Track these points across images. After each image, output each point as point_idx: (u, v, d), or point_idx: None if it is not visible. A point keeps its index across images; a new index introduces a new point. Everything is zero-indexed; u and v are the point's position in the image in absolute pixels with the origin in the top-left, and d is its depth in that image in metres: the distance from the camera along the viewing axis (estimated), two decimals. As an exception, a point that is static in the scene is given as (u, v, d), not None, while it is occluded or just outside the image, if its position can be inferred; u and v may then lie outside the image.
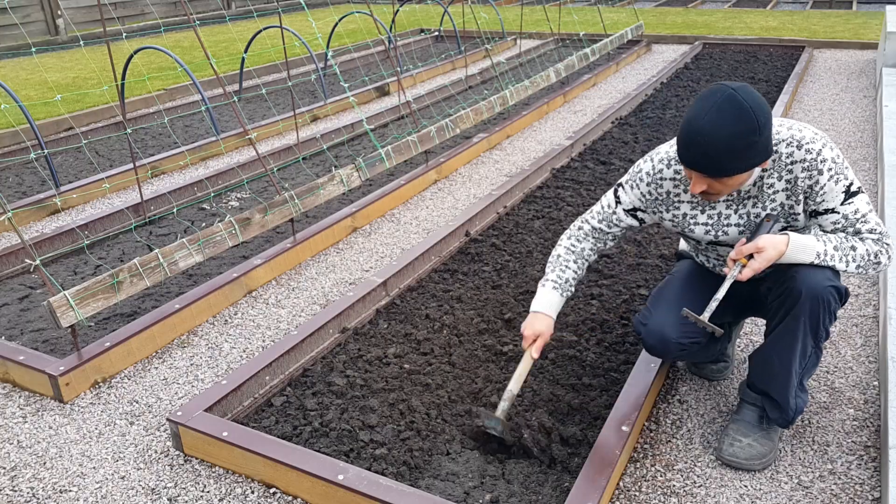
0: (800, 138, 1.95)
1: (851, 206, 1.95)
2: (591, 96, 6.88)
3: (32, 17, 10.14)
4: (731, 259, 1.98)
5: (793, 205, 2.00)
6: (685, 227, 2.16)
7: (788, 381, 2.08)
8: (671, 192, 2.14)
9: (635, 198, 2.20)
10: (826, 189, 1.94)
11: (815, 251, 1.95)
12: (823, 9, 12.60)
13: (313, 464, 2.07)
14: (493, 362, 2.69)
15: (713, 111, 1.81)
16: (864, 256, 1.96)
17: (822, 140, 1.95)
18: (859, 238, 1.98)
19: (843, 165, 1.95)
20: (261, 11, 13.35)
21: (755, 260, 1.93)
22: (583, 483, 1.96)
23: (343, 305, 2.92)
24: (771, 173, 1.99)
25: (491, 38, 9.56)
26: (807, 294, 1.95)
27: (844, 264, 1.97)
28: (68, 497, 2.16)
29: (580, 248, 2.30)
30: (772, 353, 2.08)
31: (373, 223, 4.10)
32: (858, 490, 2.07)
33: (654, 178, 2.14)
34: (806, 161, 1.93)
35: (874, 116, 5.70)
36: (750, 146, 1.81)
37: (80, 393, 2.64)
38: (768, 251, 1.92)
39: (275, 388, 2.58)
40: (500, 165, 4.98)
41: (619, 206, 2.23)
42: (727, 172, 1.85)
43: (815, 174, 1.93)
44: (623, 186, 2.22)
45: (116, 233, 4.01)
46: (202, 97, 5.25)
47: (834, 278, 1.99)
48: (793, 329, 2.01)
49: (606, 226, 2.27)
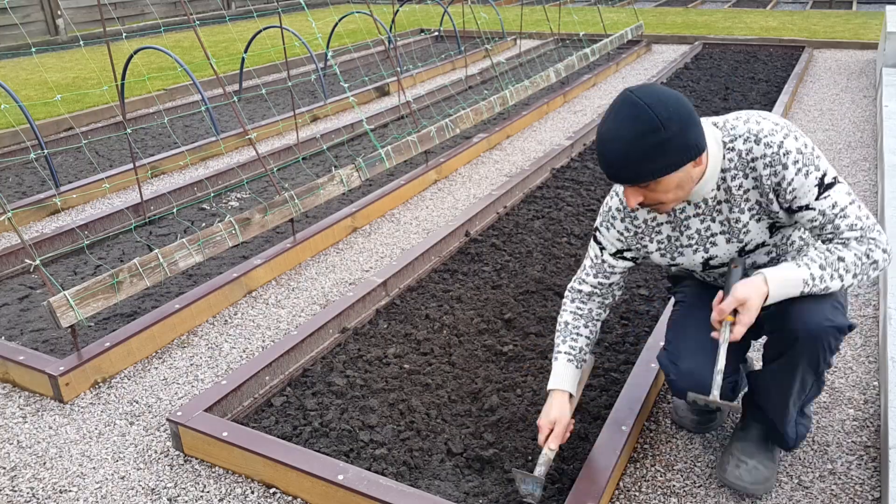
0: (757, 132, 1.78)
1: (828, 201, 1.74)
2: (591, 96, 6.88)
3: (32, 17, 10.14)
4: (716, 321, 1.78)
5: (768, 203, 1.82)
6: (674, 252, 1.99)
7: (786, 413, 1.96)
8: (647, 220, 1.98)
9: (614, 239, 2.02)
10: (795, 185, 1.75)
11: (801, 279, 1.75)
12: (823, 9, 12.60)
13: (313, 464, 2.07)
14: (493, 362, 2.69)
15: (611, 118, 1.69)
16: (856, 263, 1.75)
17: (783, 130, 1.77)
18: (841, 243, 1.76)
19: (812, 155, 1.75)
20: (261, 11, 13.35)
21: (742, 314, 1.73)
22: (582, 483, 1.96)
23: (343, 305, 2.93)
24: (736, 174, 1.82)
25: (491, 38, 9.56)
26: (804, 336, 1.79)
27: (839, 280, 1.76)
28: (68, 497, 2.16)
29: (587, 309, 2.10)
30: (769, 384, 1.95)
31: (373, 223, 4.10)
32: (858, 490, 2.07)
33: (625, 212, 1.99)
34: (767, 156, 1.76)
35: (874, 116, 5.70)
36: (659, 145, 1.65)
37: (80, 393, 2.64)
38: (752, 300, 1.72)
39: (275, 389, 2.58)
40: (500, 165, 4.98)
41: (605, 251, 2.05)
42: (645, 176, 1.69)
43: (779, 169, 1.75)
44: (599, 230, 2.05)
45: (116, 233, 4.01)
46: (202, 97, 5.25)
47: (834, 315, 1.79)
48: (790, 368, 1.87)
49: (604, 277, 2.07)
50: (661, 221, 1.96)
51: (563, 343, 2.08)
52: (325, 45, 8.14)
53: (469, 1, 9.78)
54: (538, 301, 3.11)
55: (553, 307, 3.05)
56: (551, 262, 3.45)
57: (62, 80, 7.86)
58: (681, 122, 1.67)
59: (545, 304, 3.08)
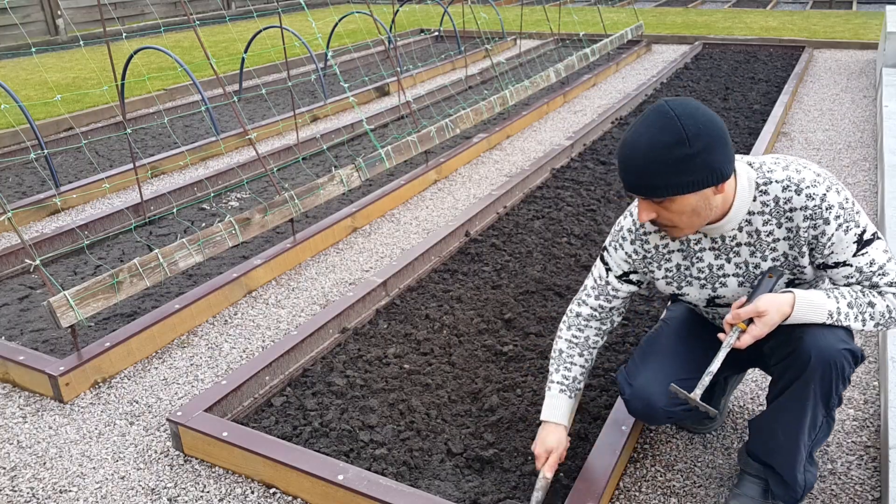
0: (798, 181, 1.70)
1: (866, 258, 1.69)
2: (591, 96, 6.88)
3: (32, 17, 10.14)
4: (728, 323, 1.73)
5: (796, 256, 1.75)
6: (681, 282, 1.90)
7: (796, 456, 1.83)
8: (659, 246, 1.89)
9: (621, 260, 1.95)
10: (835, 240, 1.68)
11: (827, 310, 1.69)
12: (823, 9, 12.60)
13: (313, 464, 2.07)
14: (493, 362, 2.69)
15: (641, 124, 1.65)
16: (883, 314, 1.70)
17: (825, 182, 1.69)
18: (878, 292, 1.71)
19: (852, 211, 1.68)
20: (261, 11, 13.35)
21: (755, 325, 1.68)
22: (582, 483, 1.96)
23: (343, 305, 2.93)
24: (768, 220, 1.74)
25: (491, 38, 9.56)
26: (817, 359, 1.70)
27: (861, 323, 1.71)
28: (68, 497, 2.16)
29: (583, 337, 2.03)
30: (776, 423, 1.83)
31: (373, 223, 4.10)
32: (858, 490, 2.07)
33: (637, 234, 1.91)
34: (808, 209, 1.68)
35: (874, 116, 5.70)
36: (681, 161, 1.60)
37: (80, 393, 2.64)
38: (770, 315, 1.67)
39: (275, 389, 2.58)
40: (500, 165, 4.98)
41: (610, 273, 1.97)
42: (661, 191, 1.63)
43: (819, 223, 1.68)
44: (608, 249, 1.98)
45: (116, 233, 4.01)
46: (202, 97, 5.25)
47: (848, 339, 1.73)
48: (801, 397, 1.76)
49: (606, 300, 1.99)
50: (673, 249, 1.88)
51: (556, 372, 2.02)
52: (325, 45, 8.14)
53: (469, 1, 9.78)
54: (538, 301, 3.11)
55: (553, 307, 3.05)
56: (551, 262, 3.45)
57: (62, 80, 7.86)
58: (708, 142, 1.61)
59: (545, 304, 3.08)
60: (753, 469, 1.95)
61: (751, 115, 5.76)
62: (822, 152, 4.91)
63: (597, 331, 2.03)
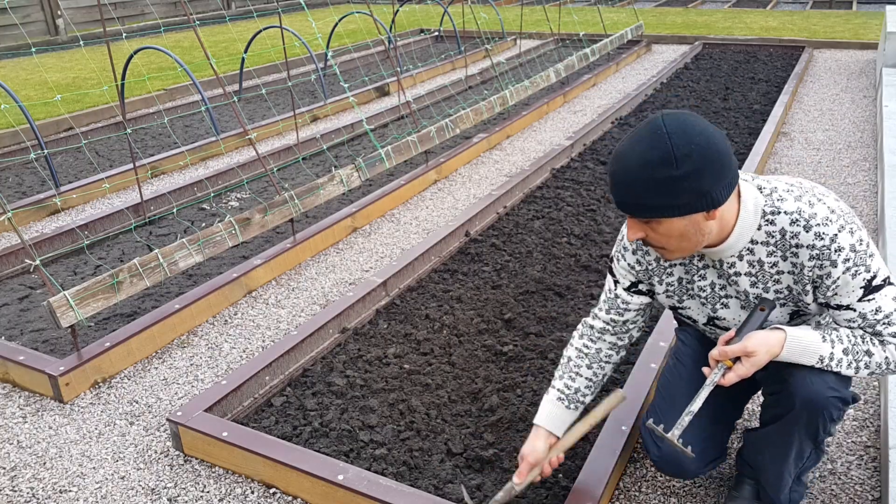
0: (808, 216, 1.57)
1: (872, 304, 1.58)
2: (591, 96, 6.88)
3: (32, 17, 10.15)
4: (714, 359, 1.65)
5: (800, 291, 1.65)
6: (682, 296, 1.82)
7: (780, 481, 1.81)
8: (660, 259, 1.81)
9: (625, 271, 1.87)
10: (840, 283, 1.58)
11: (818, 355, 1.61)
12: (823, 9, 12.60)
13: (313, 464, 2.07)
14: (493, 362, 2.69)
15: (633, 137, 1.55)
16: (880, 364, 1.61)
17: (839, 220, 1.57)
18: (879, 341, 1.61)
19: (865, 254, 1.56)
20: (261, 11, 13.35)
21: (742, 365, 1.60)
22: (582, 483, 1.96)
23: (343, 305, 2.93)
24: (773, 251, 1.63)
25: (491, 38, 9.56)
26: (802, 405, 1.64)
27: (853, 370, 1.62)
28: (68, 497, 2.16)
29: (594, 349, 1.93)
30: (764, 450, 1.81)
31: (373, 223, 4.10)
32: (858, 490, 2.07)
33: (637, 244, 1.83)
34: (815, 248, 1.57)
35: (874, 116, 5.70)
36: (666, 183, 1.49)
37: (80, 393, 2.64)
38: (759, 355, 1.59)
39: (275, 389, 2.58)
40: (499, 165, 4.98)
41: (618, 285, 1.89)
42: (645, 211, 1.54)
43: (826, 265, 1.57)
44: (613, 261, 1.91)
45: (116, 233, 4.01)
46: (202, 97, 5.25)
47: (838, 386, 1.64)
48: (786, 433, 1.72)
49: (617, 314, 1.90)
50: (675, 263, 1.80)
51: (558, 380, 1.94)
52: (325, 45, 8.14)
53: (469, 1, 9.78)
54: (538, 301, 3.11)
55: (553, 307, 3.05)
56: (551, 262, 3.45)
57: (62, 80, 7.86)
58: (700, 165, 1.48)
59: (545, 304, 3.08)
60: (749, 471, 1.95)
61: (751, 115, 5.76)
62: (822, 152, 4.91)
63: (611, 345, 1.93)
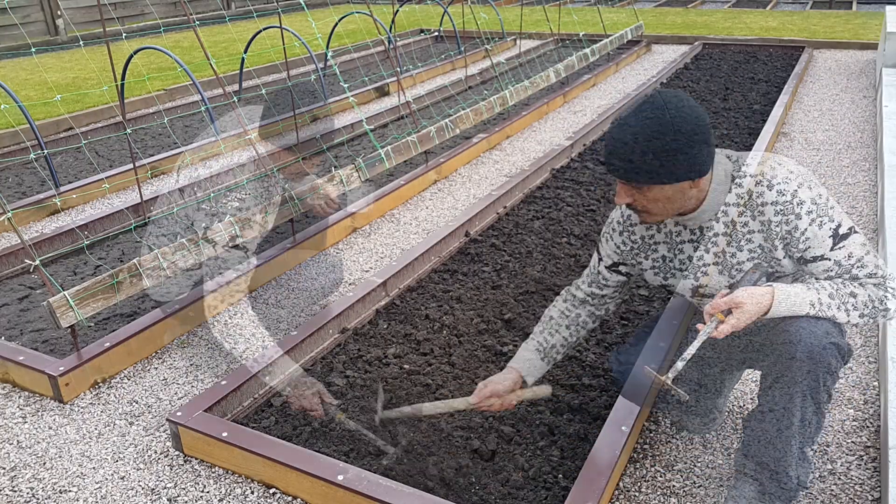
0: (770, 177, 1.76)
1: (843, 251, 1.73)
2: (590, 97, 6.88)
3: (32, 17, 10.14)
4: (707, 313, 1.76)
5: (771, 247, 1.80)
6: (667, 273, 1.98)
7: (787, 454, 1.84)
8: (645, 237, 1.98)
9: (612, 251, 2.05)
10: (809, 234, 1.74)
11: (808, 301, 1.71)
12: (823, 9, 12.60)
13: (313, 464, 2.07)
14: (493, 363, 2.69)
15: (633, 110, 1.72)
16: (866, 304, 1.72)
17: (797, 178, 1.76)
18: (858, 283, 1.74)
19: (826, 206, 1.74)
20: (261, 12, 13.35)
21: (733, 316, 1.70)
22: (582, 483, 1.96)
23: (343, 306, 2.93)
24: (743, 211, 1.80)
25: (491, 38, 9.56)
26: (803, 354, 1.71)
27: (845, 314, 1.73)
28: (68, 497, 2.16)
29: (575, 313, 2.14)
30: (766, 421, 1.85)
31: (372, 223, 4.10)
32: (858, 490, 2.07)
33: (625, 225, 2.01)
34: (779, 204, 1.75)
35: (874, 116, 5.70)
36: (665, 152, 1.67)
37: (79, 393, 2.64)
38: (747, 306, 1.69)
39: (275, 389, 2.57)
40: (499, 166, 4.98)
41: (601, 262, 2.07)
42: (638, 177, 1.71)
43: (791, 219, 1.74)
44: (601, 240, 2.09)
45: (116, 233, 4.01)
46: (202, 97, 5.25)
47: (835, 332, 1.73)
48: (789, 395, 1.77)
49: (598, 288, 2.11)
50: (659, 241, 1.97)
51: (539, 333, 2.13)
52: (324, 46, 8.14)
53: (469, 1, 9.78)
54: (538, 301, 3.11)
55: (553, 307, 3.05)
56: (551, 263, 3.45)
57: (62, 80, 7.86)
58: (691, 138, 1.68)
59: (545, 305, 3.08)
60: (749, 469, 1.94)
61: (751, 116, 5.76)
62: (821, 152, 4.91)
63: (589, 314, 2.14)
